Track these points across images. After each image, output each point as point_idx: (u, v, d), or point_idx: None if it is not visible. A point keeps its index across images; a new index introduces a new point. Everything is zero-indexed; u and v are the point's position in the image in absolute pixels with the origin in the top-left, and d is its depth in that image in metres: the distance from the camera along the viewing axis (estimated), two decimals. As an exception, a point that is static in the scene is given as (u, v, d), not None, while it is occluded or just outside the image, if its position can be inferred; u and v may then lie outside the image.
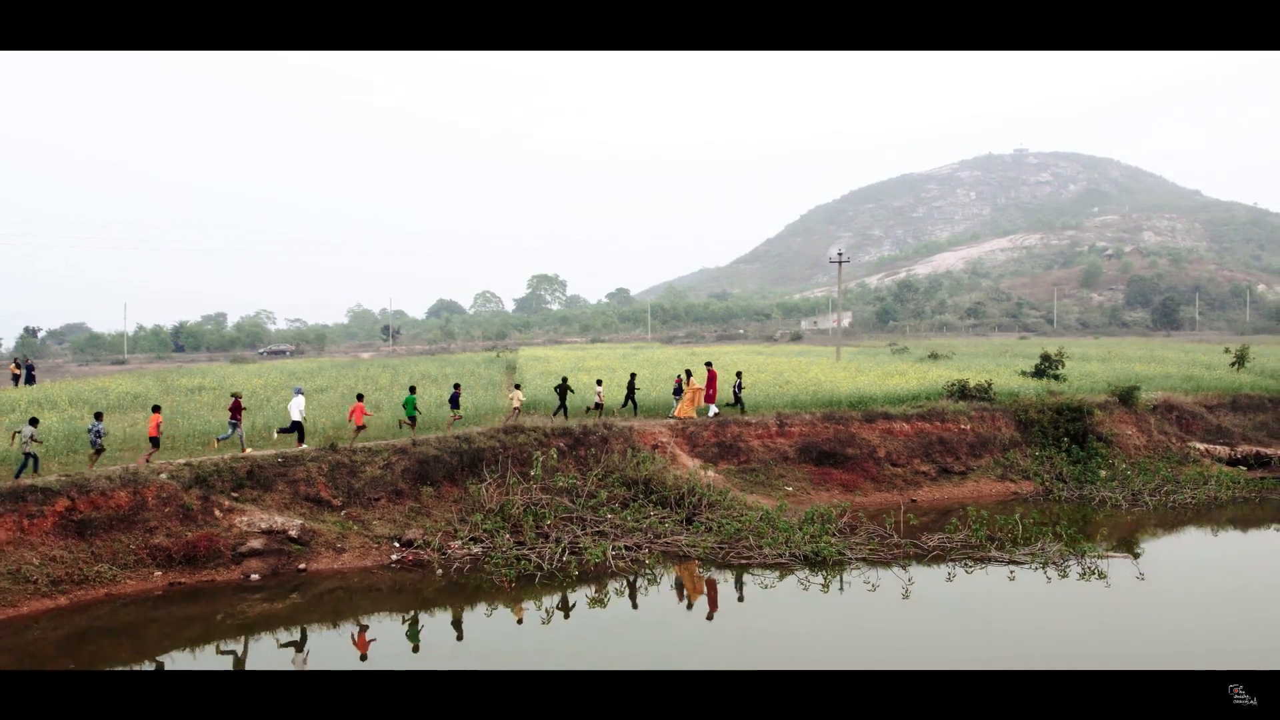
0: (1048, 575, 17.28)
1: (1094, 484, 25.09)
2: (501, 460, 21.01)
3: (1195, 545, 21.44)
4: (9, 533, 15.28)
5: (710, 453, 24.18)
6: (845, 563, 17.76)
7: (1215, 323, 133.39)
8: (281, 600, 16.22)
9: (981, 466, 26.02)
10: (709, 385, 25.48)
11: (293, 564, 17.03)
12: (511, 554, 17.80)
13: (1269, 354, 49.03)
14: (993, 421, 27.35)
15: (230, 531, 17.14)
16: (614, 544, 18.29)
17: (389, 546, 18.16)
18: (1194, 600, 16.99)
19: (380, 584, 16.98)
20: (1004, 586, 16.93)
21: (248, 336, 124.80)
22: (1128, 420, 28.72)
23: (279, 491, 18.49)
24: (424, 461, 20.25)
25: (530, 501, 19.67)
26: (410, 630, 15.24)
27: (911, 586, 16.71)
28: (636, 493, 21.08)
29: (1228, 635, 14.69)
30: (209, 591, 16.25)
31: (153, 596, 15.89)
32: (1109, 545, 19.23)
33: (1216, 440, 29.42)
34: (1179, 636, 14.78)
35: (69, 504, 16.11)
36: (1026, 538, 18.95)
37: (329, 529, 18.03)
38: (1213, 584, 18.18)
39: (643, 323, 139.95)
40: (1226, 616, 15.77)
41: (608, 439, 22.89)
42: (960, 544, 18.78)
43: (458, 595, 16.57)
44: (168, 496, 17.09)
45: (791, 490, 23.25)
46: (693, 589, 17.29)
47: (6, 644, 13.80)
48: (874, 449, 25.19)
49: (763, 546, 18.32)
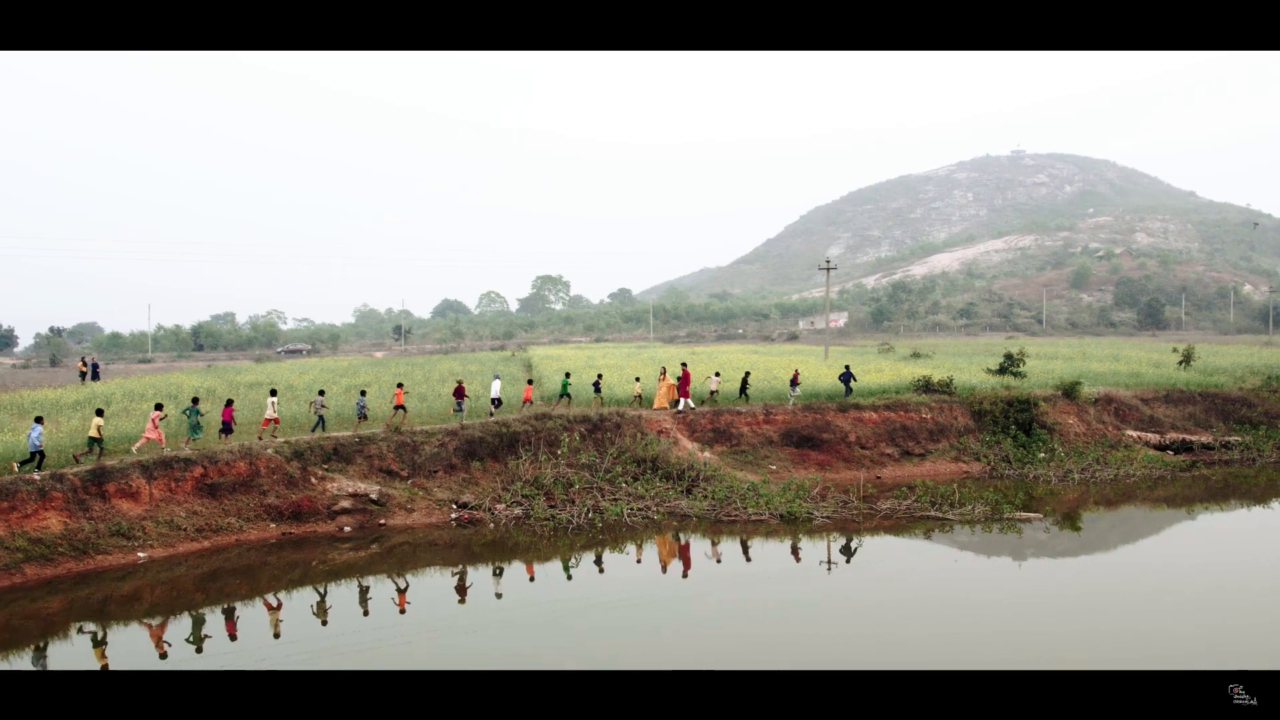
0: (972, 529, 21.74)
1: (1032, 464, 29.53)
2: (534, 441, 25.48)
3: (1099, 509, 25.85)
4: (162, 492, 19.78)
5: (707, 437, 28.63)
6: (811, 519, 22.26)
7: (1201, 323, 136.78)
8: (365, 549, 20.64)
9: (939, 450, 30.46)
10: (683, 382, 29.79)
11: (375, 520, 21.53)
12: (547, 513, 22.30)
13: (1219, 353, 53.45)
14: (950, 411, 31.79)
15: (324, 494, 21.63)
16: (629, 505, 22.78)
17: (448, 508, 22.65)
18: (1081, 543, 21.44)
19: (444, 538, 21.43)
20: (922, 539, 21.39)
21: (264, 336, 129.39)
22: (1070, 411, 33.12)
23: (358, 464, 22.98)
24: (471, 441, 24.74)
25: (559, 474, 24.15)
26: (494, 571, 19.65)
27: (860, 540, 21.18)
28: (645, 469, 25.51)
29: (1090, 565, 19.14)
30: (311, 540, 20.71)
31: (269, 543, 20.35)
32: (1019, 508, 23.71)
33: (1148, 429, 33.82)
34: (1079, 577, 19.22)
35: (203, 471, 20.61)
36: (960, 503, 23.41)
37: (400, 493, 22.53)
38: (1102, 532, 22.61)
39: (645, 323, 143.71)
40: (1102, 556, 20.22)
41: (620, 425, 27.32)
42: (906, 508, 23.25)
43: (506, 545, 21.02)
44: (275, 467, 21.58)
45: (775, 468, 27.70)
46: (666, 554, 21.75)
47: (163, 576, 18.24)
48: (846, 434, 29.64)
49: (747, 508, 22.82)
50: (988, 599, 17.43)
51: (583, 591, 17.79)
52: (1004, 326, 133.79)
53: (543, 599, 17.36)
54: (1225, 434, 34.06)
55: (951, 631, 15.34)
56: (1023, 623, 15.97)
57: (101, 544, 18.11)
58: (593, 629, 15.77)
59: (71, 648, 14.79)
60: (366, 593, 17.56)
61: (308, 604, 17.02)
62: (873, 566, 19.73)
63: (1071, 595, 17.56)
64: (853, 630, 15.66)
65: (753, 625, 15.88)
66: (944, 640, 14.87)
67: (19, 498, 17.66)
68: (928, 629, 15.50)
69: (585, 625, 15.99)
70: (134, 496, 19.31)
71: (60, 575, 17.27)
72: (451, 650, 14.64)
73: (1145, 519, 25.11)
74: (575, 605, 16.94)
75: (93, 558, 17.87)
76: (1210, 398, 36.38)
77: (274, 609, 16.76)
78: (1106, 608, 16.83)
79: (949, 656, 14.02)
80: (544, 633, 15.45)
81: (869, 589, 18.06)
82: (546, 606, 16.82)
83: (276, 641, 15.00)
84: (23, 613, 15.95)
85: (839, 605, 17.16)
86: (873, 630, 15.59)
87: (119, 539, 18.41)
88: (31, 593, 16.63)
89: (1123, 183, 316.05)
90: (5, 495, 17.50)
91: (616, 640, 15.14)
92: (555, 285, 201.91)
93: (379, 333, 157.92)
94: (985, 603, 17.17)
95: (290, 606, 16.88)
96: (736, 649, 14.57)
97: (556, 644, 14.84)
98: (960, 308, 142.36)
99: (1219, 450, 32.83)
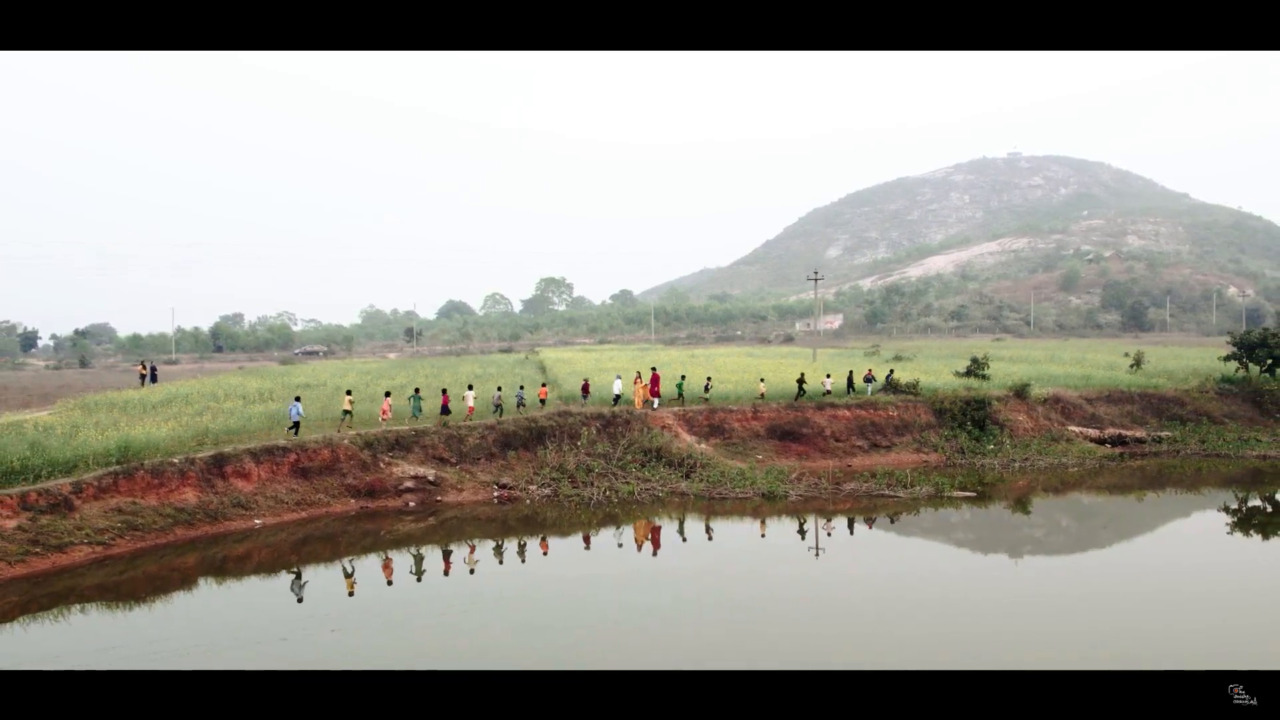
0: (920, 506, 26.72)
1: (982, 455, 34.48)
2: (558, 434, 30.43)
3: (1045, 494, 30.80)
4: (267, 473, 24.77)
5: (703, 431, 33.58)
6: (787, 497, 27.23)
7: (1185, 325, 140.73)
8: (424, 521, 25.56)
9: (903, 442, 35.40)
10: (653, 384, 34.70)
11: (433, 497, 26.51)
12: (572, 493, 27.27)
13: (1179, 355, 58.36)
14: (915, 410, 36.73)
15: (391, 476, 26.60)
16: (639, 485, 27.77)
17: (490, 488, 27.63)
18: (1002, 514, 26.39)
19: (488, 513, 26.37)
20: (865, 505, 26.36)
21: (279, 338, 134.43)
22: (1020, 409, 38.05)
23: (415, 453, 27.96)
24: (507, 434, 29.74)
25: (580, 461, 29.11)
26: (539, 536, 24.61)
27: (832, 517, 26.14)
28: (651, 458, 30.45)
29: (1007, 530, 24.06)
30: (382, 514, 25.66)
31: (349, 515, 25.31)
32: (958, 487, 28.68)
33: (1089, 425, 38.74)
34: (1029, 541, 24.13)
35: (296, 457, 25.59)
36: (911, 484, 28.37)
37: (451, 476, 27.51)
38: (1038, 506, 27.58)
39: (646, 324, 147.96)
40: (1017, 520, 25.13)
41: (629, 421, 32.26)
42: (865, 489, 28.22)
43: (538, 519, 25.96)
44: (351, 454, 26.56)
45: (761, 457, 32.63)
46: (640, 535, 26.69)
47: (270, 540, 23.15)
48: (823, 429, 34.59)
49: (734, 488, 27.79)
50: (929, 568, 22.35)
51: (604, 554, 22.78)
52: (994, 328, 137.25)
53: (574, 554, 22.34)
54: (1157, 429, 38.96)
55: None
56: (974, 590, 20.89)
57: (227, 513, 23.11)
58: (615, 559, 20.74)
59: (196, 594, 19.73)
60: (449, 555, 22.53)
61: (400, 562, 21.97)
62: (827, 537, 24.72)
63: (1029, 578, 22.50)
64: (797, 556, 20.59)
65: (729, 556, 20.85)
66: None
67: (165, 476, 22.66)
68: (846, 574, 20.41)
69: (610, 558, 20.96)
70: (246, 476, 24.32)
71: (199, 536, 22.24)
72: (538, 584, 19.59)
73: (1100, 507, 30.05)
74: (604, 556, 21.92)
75: (221, 523, 22.87)
76: (1148, 398, 41.30)
77: (387, 564, 21.72)
78: (1059, 594, 21.74)
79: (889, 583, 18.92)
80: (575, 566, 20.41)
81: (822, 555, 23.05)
82: (580, 557, 21.80)
83: (390, 588, 19.88)
84: (169, 565, 20.84)
85: (793, 545, 22.13)
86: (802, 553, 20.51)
87: (239, 509, 23.42)
88: (179, 549, 21.58)
89: (1117, 185, 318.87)
90: (156, 475, 22.49)
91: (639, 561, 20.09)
92: (558, 287, 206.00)
93: (386, 334, 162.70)
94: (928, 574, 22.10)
95: (366, 566, 21.82)
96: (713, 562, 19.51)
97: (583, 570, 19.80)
98: (952, 310, 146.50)
99: (1150, 444, 37.73)
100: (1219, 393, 42.21)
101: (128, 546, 20.70)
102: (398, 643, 16.13)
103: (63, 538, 19.64)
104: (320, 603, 18.58)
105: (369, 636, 16.43)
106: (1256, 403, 41.87)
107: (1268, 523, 27.10)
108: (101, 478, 21.53)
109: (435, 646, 15.89)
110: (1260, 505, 29.22)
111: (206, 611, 18.00)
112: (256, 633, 16.58)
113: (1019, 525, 26.25)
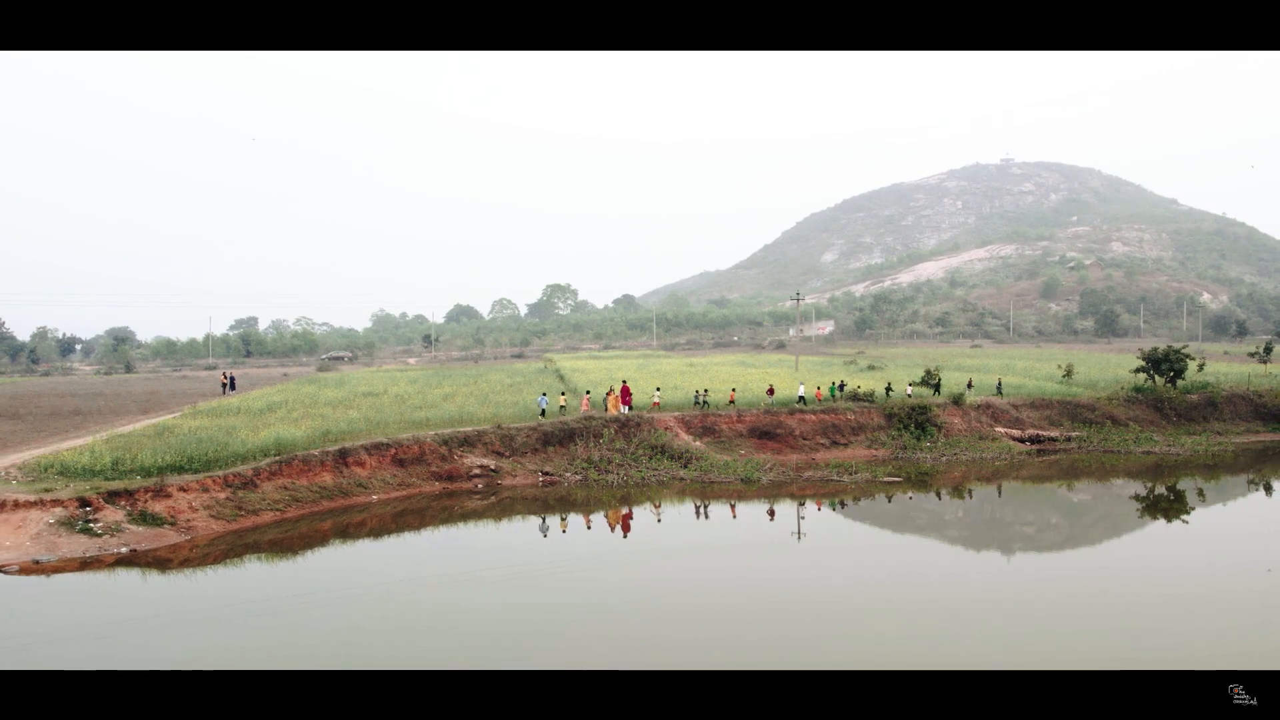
0: (859, 490, 35.60)
1: (920, 450, 43.34)
2: (585, 434, 39.29)
3: (964, 480, 39.61)
4: (377, 462, 33.66)
5: (698, 431, 42.43)
6: (760, 480, 36.14)
7: (1158, 330, 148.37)
8: (486, 499, 34.35)
9: (858, 440, 44.24)
10: (624, 395, 43.38)
11: (495, 482, 35.38)
12: (597, 478, 36.17)
13: (1119, 364, 67.13)
14: (869, 414, 45.59)
15: (463, 465, 35.46)
16: (648, 473, 36.71)
17: (537, 475, 36.49)
18: (926, 498, 35.27)
19: (536, 494, 35.18)
20: (823, 485, 35.23)
21: (306, 343, 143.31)
22: (956, 414, 46.89)
23: (478, 448, 36.82)
24: (547, 433, 38.62)
25: (603, 455, 37.98)
26: (581, 515, 33.46)
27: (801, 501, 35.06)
28: (657, 452, 39.25)
29: (934, 505, 32.99)
30: (457, 494, 34.48)
31: (433, 495, 34.13)
32: (888, 475, 37.56)
33: (1013, 426, 47.56)
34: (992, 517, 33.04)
35: (395, 451, 34.46)
36: (854, 472, 37.25)
37: (506, 466, 36.38)
38: (976, 492, 36.44)
39: (648, 329, 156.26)
40: (929, 502, 34.04)
41: (640, 424, 41.09)
42: (820, 476, 37.11)
43: (572, 499, 34.76)
44: (432, 449, 35.42)
45: (743, 452, 41.45)
46: (612, 520, 35.53)
47: (379, 511, 31.91)
48: (793, 430, 43.46)
49: (721, 475, 36.70)
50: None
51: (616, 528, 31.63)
52: (976, 334, 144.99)
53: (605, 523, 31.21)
54: (1069, 430, 47.78)
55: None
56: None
57: (352, 490, 31.99)
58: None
59: (330, 552, 28.54)
60: (544, 521, 31.37)
61: (492, 527, 30.76)
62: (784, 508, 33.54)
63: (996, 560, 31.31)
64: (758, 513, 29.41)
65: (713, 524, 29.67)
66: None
67: (311, 464, 31.52)
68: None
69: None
70: (362, 465, 33.19)
71: (335, 507, 31.09)
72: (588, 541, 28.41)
73: (1021, 490, 38.92)
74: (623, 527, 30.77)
75: (348, 498, 31.73)
76: (1065, 404, 50.14)
77: (497, 522, 30.54)
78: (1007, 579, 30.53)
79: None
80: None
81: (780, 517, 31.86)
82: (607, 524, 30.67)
83: (477, 550, 28.72)
84: (309, 530, 29.52)
85: (757, 512, 30.94)
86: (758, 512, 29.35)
87: (360, 488, 32.30)
88: (320, 517, 30.37)
89: (1107, 191, 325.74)
90: (306, 463, 31.37)
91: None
92: (563, 293, 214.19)
93: (399, 338, 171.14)
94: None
95: (448, 532, 30.62)
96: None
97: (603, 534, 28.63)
98: (937, 316, 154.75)
99: (1062, 442, 46.54)
100: (1127, 400, 51.05)
101: (295, 513, 29.59)
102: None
103: (254, 505, 28.53)
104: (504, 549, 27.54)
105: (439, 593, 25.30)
106: (1158, 408, 50.70)
107: (1169, 508, 35.97)
108: (271, 464, 30.41)
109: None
110: (1160, 491, 38.10)
111: (359, 555, 26.94)
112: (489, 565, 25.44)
113: (953, 508, 35.10)
